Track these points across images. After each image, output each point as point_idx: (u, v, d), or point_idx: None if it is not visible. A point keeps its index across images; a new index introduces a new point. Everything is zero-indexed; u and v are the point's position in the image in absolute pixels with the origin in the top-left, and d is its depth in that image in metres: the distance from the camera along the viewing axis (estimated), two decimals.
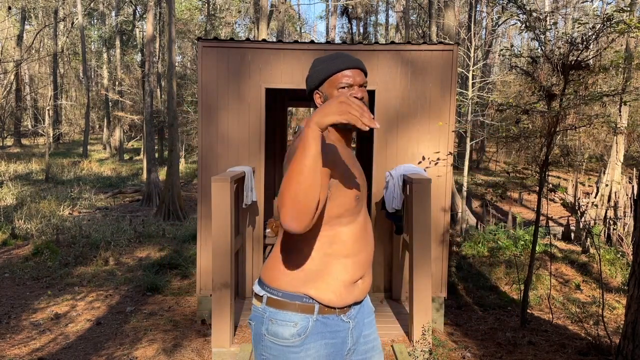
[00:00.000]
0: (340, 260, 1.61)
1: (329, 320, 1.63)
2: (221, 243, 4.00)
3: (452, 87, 4.94)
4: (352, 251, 1.62)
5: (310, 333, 1.60)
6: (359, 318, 1.73)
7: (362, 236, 1.64)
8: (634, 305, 3.35)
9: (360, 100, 1.59)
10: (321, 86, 1.66)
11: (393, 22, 30.39)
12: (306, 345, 1.60)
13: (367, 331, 1.77)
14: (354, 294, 1.66)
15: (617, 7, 5.37)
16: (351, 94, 1.62)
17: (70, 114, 32.73)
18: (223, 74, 4.93)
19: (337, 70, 1.63)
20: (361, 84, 1.65)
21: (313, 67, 1.69)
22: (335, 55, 1.67)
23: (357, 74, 1.64)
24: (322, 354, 1.62)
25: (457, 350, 4.42)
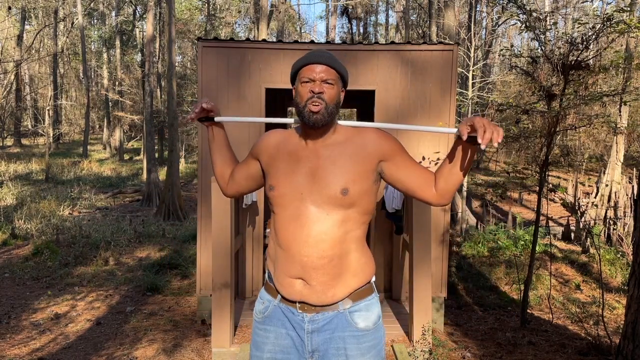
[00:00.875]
0: (279, 249, 1.73)
1: (288, 311, 1.73)
2: (221, 243, 4.00)
3: (452, 87, 4.94)
4: (284, 242, 1.70)
5: (272, 315, 1.75)
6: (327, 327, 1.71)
7: (292, 231, 1.67)
8: (634, 305, 3.35)
9: (318, 95, 1.66)
10: (294, 82, 1.77)
11: (393, 22, 30.40)
12: (267, 325, 1.76)
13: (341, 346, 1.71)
14: (297, 291, 1.69)
15: (617, 7, 5.37)
16: (310, 89, 1.67)
17: (70, 114, 32.73)
18: (223, 74, 4.93)
19: (301, 65, 1.71)
20: (324, 80, 1.67)
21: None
22: (311, 52, 1.73)
23: (319, 69, 1.67)
24: (281, 342, 1.74)
25: (457, 350, 4.42)
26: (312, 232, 1.65)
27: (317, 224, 1.65)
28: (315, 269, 1.66)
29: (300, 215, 1.67)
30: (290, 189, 1.69)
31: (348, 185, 1.65)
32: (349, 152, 1.70)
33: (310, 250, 1.65)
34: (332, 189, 1.65)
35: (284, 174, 1.72)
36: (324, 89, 1.67)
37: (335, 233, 1.66)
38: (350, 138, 1.74)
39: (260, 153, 1.83)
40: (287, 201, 1.69)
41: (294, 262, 1.67)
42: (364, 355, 1.72)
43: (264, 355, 1.76)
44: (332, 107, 1.68)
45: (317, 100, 1.65)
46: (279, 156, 1.76)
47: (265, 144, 1.82)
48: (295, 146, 1.75)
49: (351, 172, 1.67)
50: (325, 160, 1.69)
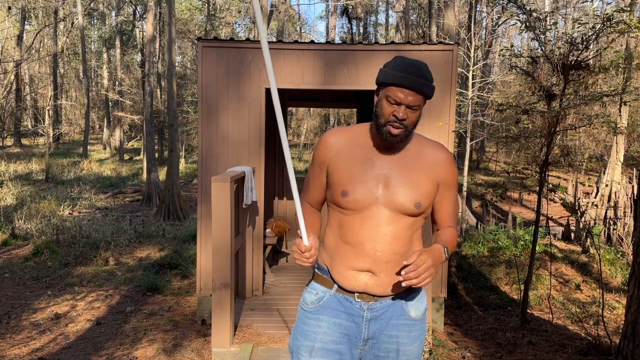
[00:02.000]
0: (345, 245, 1.77)
1: (345, 301, 1.79)
2: (221, 243, 4.00)
3: (452, 87, 4.94)
4: (354, 239, 1.75)
5: (326, 305, 1.80)
6: (384, 316, 1.80)
7: (367, 230, 1.73)
8: (634, 305, 3.35)
9: (401, 122, 1.66)
10: (380, 87, 1.73)
11: (393, 22, 30.39)
12: (320, 315, 1.80)
13: (394, 333, 1.81)
14: (361, 283, 1.76)
15: (617, 7, 5.38)
16: (394, 113, 1.66)
17: (70, 114, 32.73)
18: (223, 74, 4.93)
19: (395, 83, 1.65)
20: (410, 105, 1.66)
21: (389, 62, 1.72)
22: (406, 65, 1.67)
23: (409, 94, 1.64)
24: (334, 332, 1.78)
25: (457, 350, 4.42)
26: (389, 232, 1.73)
27: (392, 225, 1.74)
28: (388, 262, 1.74)
29: (375, 216, 1.73)
30: (366, 195, 1.73)
31: (421, 200, 1.74)
32: (421, 166, 1.77)
33: (387, 247, 1.73)
34: (407, 202, 1.72)
35: (360, 180, 1.73)
36: (407, 115, 1.67)
37: (407, 233, 1.76)
38: (423, 150, 1.79)
39: (327, 159, 1.81)
40: (361, 205, 1.73)
41: (365, 257, 1.74)
42: (412, 344, 1.83)
43: (315, 345, 1.78)
44: (412, 129, 1.71)
45: (399, 125, 1.67)
46: (351, 160, 1.76)
47: (333, 149, 1.79)
48: (368, 149, 1.77)
49: (423, 187, 1.75)
50: (399, 169, 1.75)
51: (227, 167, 4.99)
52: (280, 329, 4.43)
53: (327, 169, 1.80)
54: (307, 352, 1.79)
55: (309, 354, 1.78)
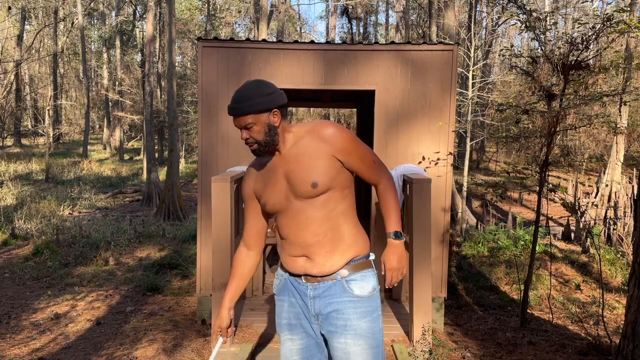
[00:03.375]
0: (282, 239, 2.06)
1: (296, 282, 2.05)
2: (221, 243, 4.00)
3: (452, 87, 4.94)
4: (283, 233, 2.03)
5: (284, 287, 2.09)
6: (326, 293, 2.00)
7: (287, 223, 2.00)
8: (634, 305, 3.35)
9: (247, 141, 1.94)
10: None
11: (393, 22, 30.38)
12: (282, 296, 2.10)
13: (338, 308, 1.99)
14: (300, 267, 2.01)
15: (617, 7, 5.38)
16: (241, 137, 1.96)
17: (70, 114, 32.73)
18: (223, 74, 4.93)
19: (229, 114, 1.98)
20: (243, 126, 1.91)
21: None
22: (233, 96, 1.92)
23: (237, 120, 1.92)
24: (292, 310, 2.06)
25: (457, 350, 4.42)
26: (302, 219, 1.97)
27: (303, 212, 1.97)
28: (312, 245, 1.97)
29: (288, 210, 1.99)
30: (277, 196, 1.99)
31: (316, 178, 1.92)
32: (308, 151, 1.95)
33: (305, 233, 1.97)
34: (304, 186, 1.93)
35: (270, 189, 2.01)
36: (247, 134, 1.92)
37: (320, 214, 1.96)
38: (304, 138, 1.98)
39: (252, 189, 2.09)
40: (278, 206, 2.00)
41: (295, 245, 2.00)
42: (360, 319, 1.99)
43: (282, 322, 2.09)
44: (264, 140, 1.92)
45: (249, 144, 1.94)
46: (261, 178, 2.05)
47: (250, 179, 2.09)
48: (268, 163, 2.04)
49: (315, 167, 1.93)
50: (293, 164, 1.96)
51: (227, 167, 4.99)
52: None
53: (255, 195, 2.08)
54: (280, 328, 2.11)
55: (281, 328, 2.10)
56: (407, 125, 4.99)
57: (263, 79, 2.02)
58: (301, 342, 2.05)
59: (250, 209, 2.12)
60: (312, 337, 2.05)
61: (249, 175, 2.11)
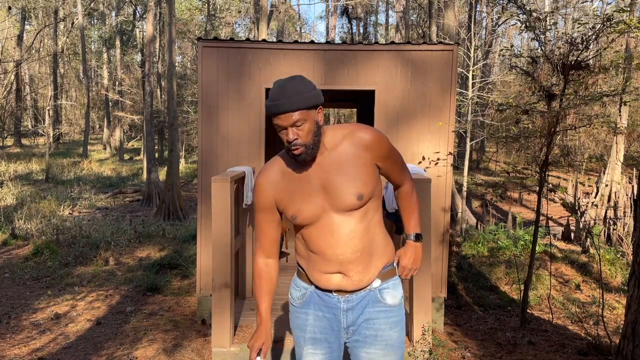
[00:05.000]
0: (312, 253, 1.91)
1: (324, 295, 1.94)
2: (221, 243, 4.00)
3: (452, 87, 4.94)
4: (317, 249, 1.87)
5: (309, 300, 1.97)
6: (359, 305, 1.93)
7: (324, 238, 1.84)
8: (634, 305, 3.35)
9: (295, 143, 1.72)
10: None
11: (393, 22, 30.39)
12: (305, 309, 1.98)
13: (370, 318, 1.92)
14: (334, 283, 1.90)
15: (617, 7, 5.38)
16: (285, 139, 1.73)
17: (70, 114, 32.73)
18: (223, 74, 4.93)
19: (270, 113, 1.72)
20: (293, 124, 1.70)
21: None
22: (273, 92, 1.71)
23: (284, 118, 1.69)
24: (319, 324, 1.97)
25: (457, 350, 4.42)
26: (343, 235, 1.83)
27: (344, 226, 1.83)
28: (352, 262, 1.86)
29: (327, 224, 1.84)
30: (312, 209, 1.83)
31: (361, 190, 1.80)
32: (349, 158, 1.81)
33: (345, 249, 1.84)
34: (348, 199, 1.79)
35: (302, 200, 1.83)
36: (297, 133, 1.72)
37: (360, 227, 1.84)
38: (342, 143, 1.82)
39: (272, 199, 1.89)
40: (311, 218, 1.84)
41: (331, 262, 1.87)
42: (391, 329, 1.94)
43: (306, 335, 1.99)
44: (312, 141, 1.74)
45: (295, 146, 1.72)
46: (288, 188, 1.85)
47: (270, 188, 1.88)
48: (297, 169, 1.84)
49: (359, 177, 1.80)
50: (331, 172, 1.81)
51: (227, 167, 4.99)
52: (281, 329, 4.43)
53: (276, 206, 1.90)
54: (302, 340, 2.01)
55: (303, 341, 2.00)
56: (407, 125, 4.99)
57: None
58: (323, 357, 1.98)
59: (266, 219, 1.94)
60: (335, 351, 1.99)
61: (267, 184, 1.88)
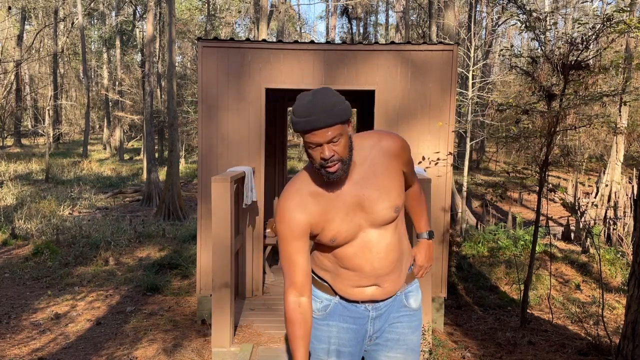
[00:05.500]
0: (344, 270, 1.81)
1: (350, 306, 1.86)
2: (221, 243, 4.00)
3: (452, 87, 4.94)
4: (352, 265, 1.78)
5: (333, 312, 1.87)
6: (386, 311, 1.89)
7: (362, 255, 1.76)
8: (634, 305, 3.35)
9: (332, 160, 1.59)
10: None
11: (393, 22, 30.39)
12: (329, 321, 1.88)
13: (394, 322, 1.90)
14: (368, 295, 1.84)
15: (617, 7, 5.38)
16: (320, 156, 1.60)
17: (70, 114, 32.73)
18: (223, 74, 4.93)
19: (302, 130, 1.58)
20: (329, 140, 1.57)
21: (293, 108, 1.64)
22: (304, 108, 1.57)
23: (320, 134, 1.56)
24: (343, 336, 1.87)
25: (457, 350, 4.42)
26: (381, 249, 1.77)
27: (382, 241, 1.77)
28: (388, 274, 1.81)
29: (364, 241, 1.76)
30: (350, 229, 1.73)
31: (396, 202, 1.75)
32: (380, 169, 1.73)
33: (384, 263, 1.78)
34: (387, 214, 1.73)
35: (340, 220, 1.71)
36: (333, 150, 1.59)
37: (394, 239, 1.80)
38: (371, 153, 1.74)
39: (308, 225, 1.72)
40: (350, 237, 1.74)
41: (368, 277, 1.79)
42: (413, 333, 1.92)
43: (330, 347, 1.90)
44: (348, 156, 1.63)
45: (331, 163, 1.60)
46: (325, 208, 1.71)
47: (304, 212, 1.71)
48: (331, 188, 1.71)
49: (392, 188, 1.74)
50: (364, 186, 1.72)
51: (227, 167, 4.99)
52: (281, 329, 4.43)
53: (310, 231, 1.74)
54: (324, 353, 1.91)
55: (326, 354, 1.90)
56: (407, 125, 4.99)
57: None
58: None
59: (298, 249, 1.72)
60: None
61: (298, 209, 1.70)
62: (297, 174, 1.82)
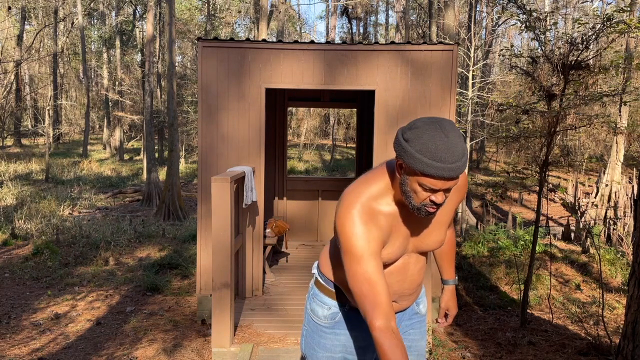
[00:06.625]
0: None
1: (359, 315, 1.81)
2: (221, 243, 4.00)
3: (452, 87, 4.94)
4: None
5: (341, 320, 1.82)
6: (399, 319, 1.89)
7: (395, 275, 1.74)
8: (634, 305, 3.35)
9: (438, 206, 1.51)
10: (407, 165, 1.49)
11: (393, 22, 30.39)
12: (337, 329, 1.82)
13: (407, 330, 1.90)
14: None
15: (617, 7, 5.38)
16: (431, 199, 1.49)
17: (70, 114, 32.73)
18: (223, 74, 4.93)
19: (433, 175, 1.43)
20: (447, 189, 1.48)
21: (413, 138, 1.45)
22: (439, 149, 1.41)
23: (450, 182, 1.45)
24: (351, 344, 1.83)
25: (457, 350, 4.42)
26: (415, 272, 1.78)
27: (418, 264, 1.78)
28: (411, 294, 1.83)
29: (404, 263, 1.74)
30: (400, 250, 1.69)
31: (444, 236, 1.76)
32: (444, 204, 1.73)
33: (414, 285, 1.80)
34: (434, 245, 1.75)
35: (399, 243, 1.67)
36: (445, 197, 1.50)
37: (425, 262, 1.82)
38: None
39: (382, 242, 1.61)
40: (393, 261, 1.70)
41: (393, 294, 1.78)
42: (422, 339, 1.94)
43: (336, 356, 1.84)
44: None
45: (437, 206, 1.52)
46: (392, 230, 1.64)
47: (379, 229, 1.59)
48: (398, 214, 1.64)
49: (445, 222, 1.75)
50: (426, 220, 1.70)
51: (227, 167, 4.99)
52: (281, 329, 4.43)
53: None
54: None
55: None
56: None
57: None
58: None
59: (379, 268, 1.54)
60: None
61: (373, 223, 1.56)
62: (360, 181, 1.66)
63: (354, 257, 1.51)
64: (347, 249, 1.52)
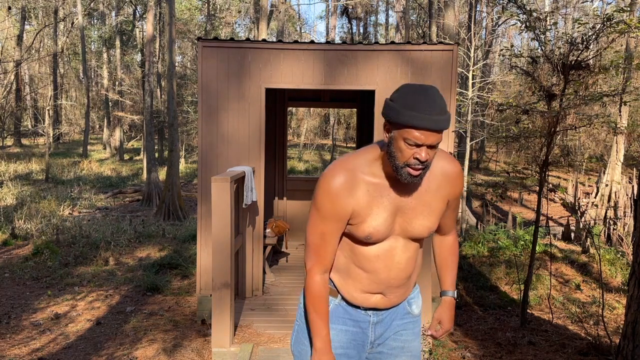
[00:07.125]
0: (358, 269, 1.78)
1: (351, 309, 1.83)
2: (221, 243, 4.00)
3: (452, 87, 4.94)
4: (368, 267, 1.75)
5: (332, 313, 1.82)
6: (388, 318, 1.87)
7: (382, 259, 1.74)
8: (634, 305, 3.35)
9: (423, 163, 1.55)
10: (392, 125, 1.57)
11: (393, 22, 30.39)
12: (330, 325, 1.82)
13: (398, 330, 1.88)
14: (371, 302, 1.82)
15: (617, 7, 5.38)
16: (415, 156, 1.53)
17: (70, 114, 32.73)
18: (223, 74, 4.93)
19: (415, 125, 1.49)
20: (432, 145, 1.52)
21: (397, 97, 1.55)
22: (423, 102, 1.49)
23: (429, 136, 1.50)
24: (341, 338, 1.84)
25: (457, 350, 4.42)
26: (403, 260, 1.76)
27: (406, 252, 1.76)
28: (399, 287, 1.80)
29: (390, 246, 1.74)
30: (387, 231, 1.71)
31: (434, 225, 1.75)
32: (433, 187, 1.72)
33: (401, 274, 1.77)
34: (423, 232, 1.73)
35: (383, 219, 1.68)
36: (429, 154, 1.54)
37: (416, 255, 1.81)
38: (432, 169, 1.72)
39: (352, 208, 1.66)
40: (381, 240, 1.72)
41: (379, 284, 1.77)
42: (415, 340, 1.92)
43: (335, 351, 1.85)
44: (431, 164, 1.60)
45: (420, 166, 1.55)
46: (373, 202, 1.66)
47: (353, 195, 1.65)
48: (381, 183, 1.67)
49: (435, 211, 1.73)
50: (412, 196, 1.69)
51: (227, 167, 4.99)
52: (280, 329, 4.43)
53: (349, 219, 1.68)
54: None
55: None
56: None
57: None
58: None
59: (335, 230, 1.68)
60: None
61: (347, 192, 1.63)
62: (354, 152, 1.73)
63: (319, 214, 1.68)
64: (316, 205, 1.67)
